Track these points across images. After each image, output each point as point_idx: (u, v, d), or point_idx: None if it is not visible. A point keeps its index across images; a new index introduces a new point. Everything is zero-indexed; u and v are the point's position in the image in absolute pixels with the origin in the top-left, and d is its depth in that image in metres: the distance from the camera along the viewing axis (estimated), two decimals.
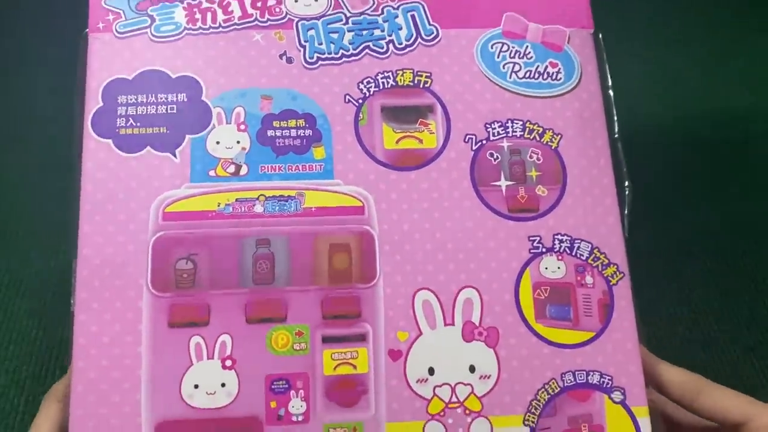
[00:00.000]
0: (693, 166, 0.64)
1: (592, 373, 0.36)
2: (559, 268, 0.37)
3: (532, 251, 0.37)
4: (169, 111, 0.37)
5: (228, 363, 0.34)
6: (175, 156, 0.36)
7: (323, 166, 0.37)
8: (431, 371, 0.35)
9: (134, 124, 0.37)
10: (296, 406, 0.34)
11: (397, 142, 0.38)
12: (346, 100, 0.38)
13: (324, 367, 0.35)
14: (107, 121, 0.37)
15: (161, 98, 0.37)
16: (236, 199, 0.36)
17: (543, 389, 0.35)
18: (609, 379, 0.36)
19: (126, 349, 0.34)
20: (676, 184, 0.39)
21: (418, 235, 0.37)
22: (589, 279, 0.37)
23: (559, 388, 0.35)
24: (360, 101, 0.38)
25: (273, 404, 0.34)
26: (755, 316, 0.58)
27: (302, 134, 0.37)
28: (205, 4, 0.39)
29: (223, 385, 0.34)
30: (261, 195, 0.36)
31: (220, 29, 0.39)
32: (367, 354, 0.35)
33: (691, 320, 0.36)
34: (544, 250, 0.37)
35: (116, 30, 0.38)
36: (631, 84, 0.42)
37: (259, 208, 0.36)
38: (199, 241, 0.35)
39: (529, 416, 0.35)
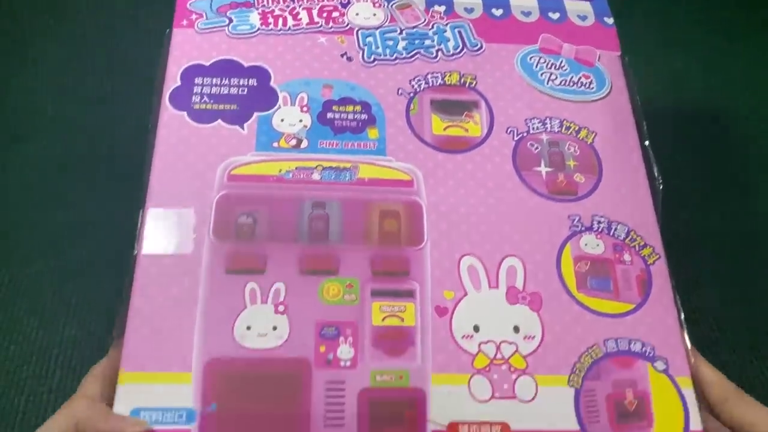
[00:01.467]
0: (693, 165, 0.65)
1: (634, 342, 0.36)
2: (598, 245, 0.39)
3: (572, 228, 0.39)
4: (240, 92, 0.41)
5: (281, 308, 0.35)
6: (243, 128, 0.40)
7: (376, 145, 0.40)
8: (476, 329, 0.36)
9: (207, 101, 0.41)
10: (344, 351, 0.35)
11: (444, 129, 0.41)
12: (399, 93, 0.42)
13: (372, 317, 0.36)
14: (183, 97, 0.40)
15: (234, 82, 0.41)
16: (296, 167, 0.39)
17: (586, 353, 0.36)
18: (651, 349, 0.36)
19: (183, 291, 0.35)
20: (676, 184, 0.41)
21: (464, 209, 0.39)
22: (627, 257, 0.39)
23: (602, 353, 0.36)
24: (411, 94, 0.42)
25: (322, 348, 0.35)
26: (755, 316, 0.57)
27: (358, 118, 0.41)
28: (277, 12, 0.44)
29: (274, 328, 0.35)
30: (319, 165, 0.39)
31: (290, 32, 0.44)
32: (414, 309, 0.36)
33: (691, 320, 0.37)
34: (583, 228, 0.39)
35: (198, 27, 0.43)
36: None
37: (316, 176, 0.39)
38: (261, 200, 0.38)
39: (573, 377, 0.35)
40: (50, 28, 0.73)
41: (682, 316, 0.37)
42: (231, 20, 0.44)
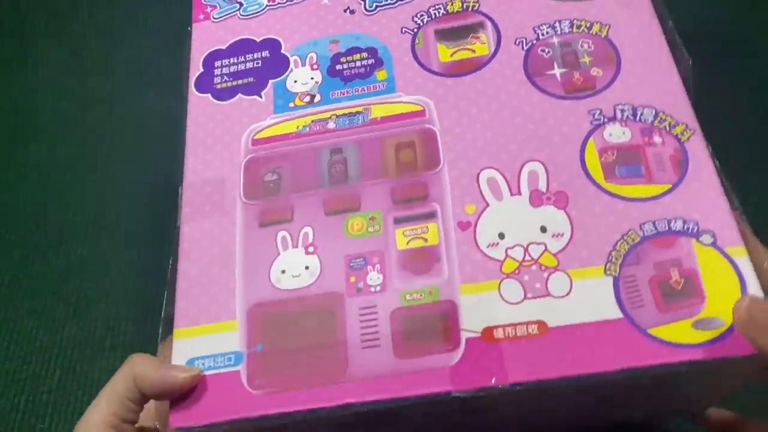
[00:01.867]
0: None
1: (674, 221, 0.34)
2: (624, 133, 0.37)
3: (593, 122, 0.38)
4: (255, 65, 0.44)
5: (310, 249, 0.37)
6: (261, 96, 0.42)
7: (385, 85, 0.41)
8: (501, 236, 0.35)
9: (227, 79, 0.44)
10: (373, 278, 0.35)
11: (451, 55, 0.42)
12: (403, 32, 0.43)
13: (397, 243, 0.36)
14: (206, 81, 0.44)
15: (248, 57, 0.44)
16: (312, 121, 0.41)
17: (622, 240, 0.34)
18: (694, 224, 0.34)
19: (223, 249, 0.38)
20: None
21: (479, 126, 0.39)
22: (657, 139, 0.37)
23: (639, 238, 0.34)
24: (415, 30, 0.43)
25: (352, 279, 0.36)
26: None
27: (366, 63, 0.42)
28: None
29: (306, 267, 0.36)
30: (332, 114, 0.41)
31: (295, 2, 0.46)
32: (436, 228, 0.36)
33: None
34: (605, 120, 0.37)
35: (213, 17, 0.46)
36: None
37: (331, 125, 0.40)
38: (283, 156, 0.40)
39: (609, 266, 0.34)
40: (50, 28, 0.76)
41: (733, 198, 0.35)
42: (241, 4, 0.46)
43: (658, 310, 0.32)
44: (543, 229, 0.35)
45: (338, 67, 0.42)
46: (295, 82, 0.42)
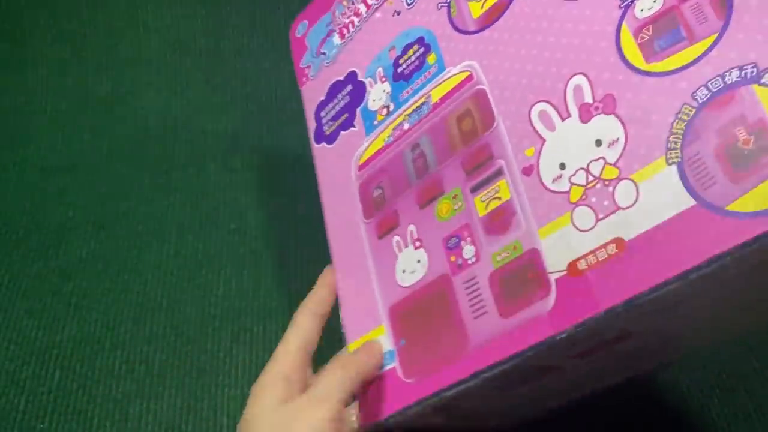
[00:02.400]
0: None
1: (727, 73, 0.30)
2: (654, 1, 0.33)
3: (621, 7, 0.34)
4: (345, 102, 0.49)
5: (417, 244, 0.41)
6: (354, 126, 0.48)
7: (437, 67, 0.43)
8: (562, 166, 0.34)
9: (331, 123, 0.50)
10: (468, 251, 0.38)
11: (482, 7, 0.41)
12: (439, 8, 0.44)
13: (478, 210, 0.38)
14: (320, 132, 0.51)
15: (339, 97, 0.50)
16: (393, 129, 0.45)
17: (677, 120, 0.31)
18: (752, 66, 0.29)
19: (362, 267, 0.44)
20: None
21: (518, 65, 0.38)
22: None
23: (693, 109, 0.30)
24: (448, 1, 0.43)
25: (452, 258, 0.38)
26: None
27: (418, 55, 0.44)
28: (346, 21, 0.51)
29: (418, 261, 0.40)
30: (405, 115, 0.44)
31: (359, 29, 0.50)
32: (506, 183, 0.37)
33: None
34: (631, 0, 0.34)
35: (310, 77, 0.53)
36: None
37: (406, 126, 0.44)
38: (380, 171, 0.44)
39: (670, 154, 0.31)
40: (50, 28, 0.75)
41: None
42: (324, 53, 0.53)
43: (730, 180, 0.28)
44: (598, 143, 0.33)
45: (399, 69, 0.45)
46: (374, 101, 0.47)
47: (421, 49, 0.44)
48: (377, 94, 0.47)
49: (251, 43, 0.80)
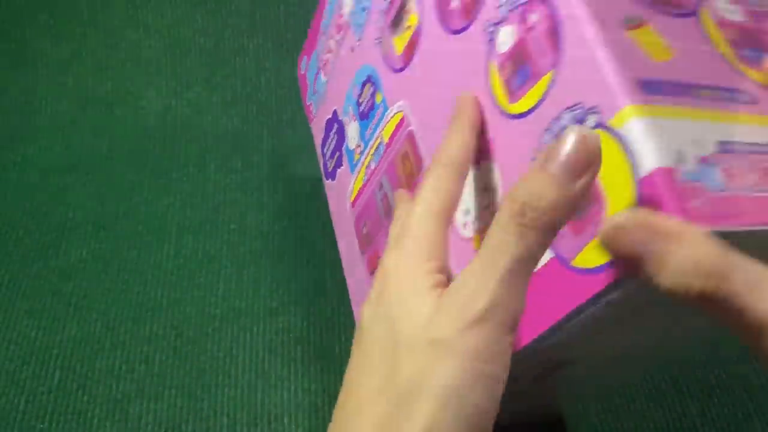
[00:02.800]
0: None
1: (562, 116, 0.28)
2: (511, 33, 0.31)
3: (489, 38, 0.32)
4: (335, 140, 0.50)
5: None
6: (342, 165, 0.48)
7: (383, 106, 0.43)
8: (467, 212, 0.35)
9: (330, 160, 0.51)
10: None
11: (403, 43, 0.40)
12: (376, 43, 0.43)
13: None
14: (326, 168, 0.52)
15: (330, 134, 0.51)
16: (365, 168, 0.45)
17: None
18: (581, 108, 0.26)
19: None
20: None
21: (436, 104, 0.36)
22: (533, 17, 0.29)
23: None
24: (380, 37, 0.43)
25: None
26: None
27: (371, 93, 0.44)
28: (324, 56, 0.52)
29: None
30: (370, 155, 0.44)
31: (333, 66, 0.50)
32: None
33: None
34: (496, 27, 0.32)
35: (314, 114, 0.55)
36: None
37: (372, 165, 0.44)
38: (364, 209, 0.45)
39: None
40: (50, 28, 0.76)
41: None
42: (317, 91, 0.54)
43: (574, 234, 0.27)
44: (486, 189, 0.32)
45: (360, 108, 0.46)
46: (351, 139, 0.47)
47: (372, 88, 0.44)
48: (351, 133, 0.47)
49: (251, 43, 0.80)
